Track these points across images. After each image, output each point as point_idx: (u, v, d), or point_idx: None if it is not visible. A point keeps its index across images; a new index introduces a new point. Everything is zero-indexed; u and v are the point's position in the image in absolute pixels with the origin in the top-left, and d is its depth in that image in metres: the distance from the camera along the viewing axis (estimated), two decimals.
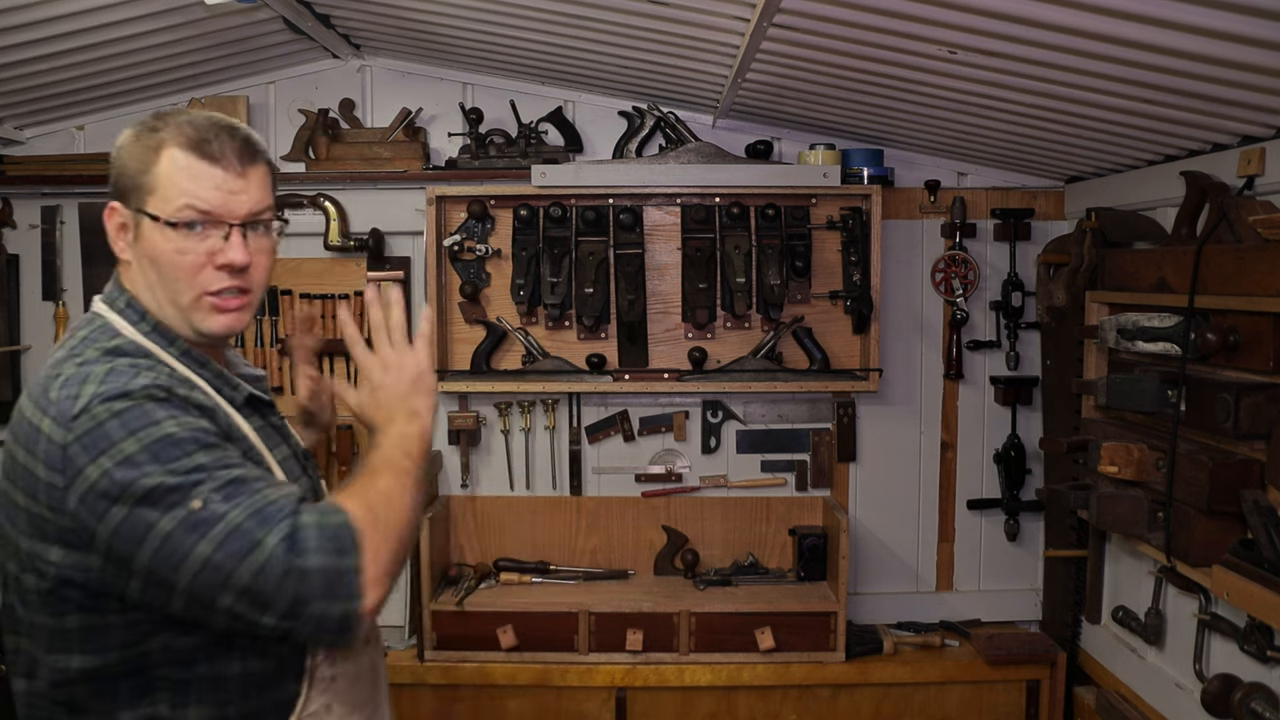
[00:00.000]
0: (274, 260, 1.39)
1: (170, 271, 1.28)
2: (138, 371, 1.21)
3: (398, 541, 1.21)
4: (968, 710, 2.89)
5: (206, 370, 1.33)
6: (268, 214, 1.34)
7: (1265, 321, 1.91)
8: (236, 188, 1.28)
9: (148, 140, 1.28)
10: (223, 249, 1.28)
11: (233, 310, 1.31)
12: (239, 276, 1.30)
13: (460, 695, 2.84)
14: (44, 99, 2.89)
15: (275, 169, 1.39)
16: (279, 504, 1.15)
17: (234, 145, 1.29)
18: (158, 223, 1.26)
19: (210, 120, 1.31)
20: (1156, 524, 2.18)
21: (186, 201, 1.26)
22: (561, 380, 3.01)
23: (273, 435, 1.40)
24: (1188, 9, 1.57)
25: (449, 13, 2.50)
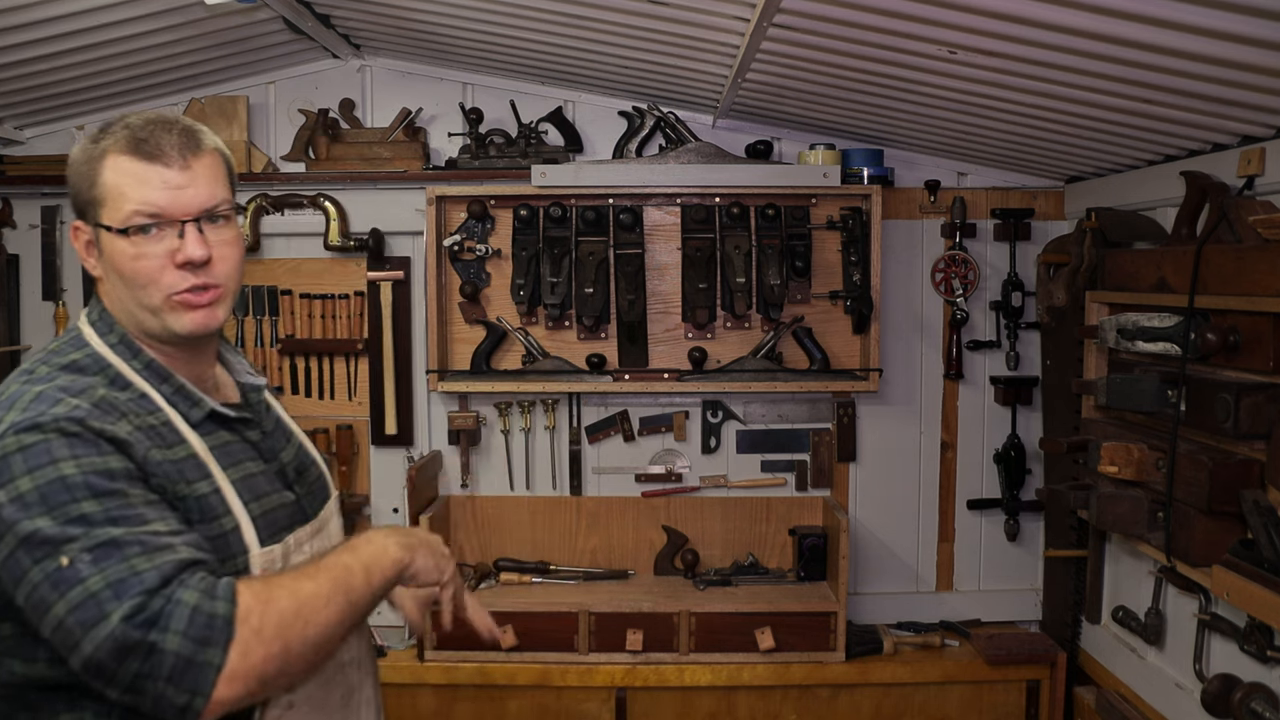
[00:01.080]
0: (243, 249, 1.35)
1: (134, 279, 1.25)
2: (61, 399, 1.18)
3: (283, 653, 1.12)
4: (968, 710, 2.89)
5: (167, 385, 1.29)
6: (224, 204, 1.29)
7: (1265, 321, 1.91)
8: (182, 182, 1.25)
9: (91, 152, 1.26)
10: (180, 247, 1.25)
11: (203, 306, 1.28)
12: (202, 272, 1.27)
13: (460, 695, 2.84)
14: (44, 99, 2.89)
15: (227, 156, 1.34)
16: (143, 576, 1.07)
17: (172, 140, 1.25)
18: (112, 233, 1.24)
19: (147, 119, 1.27)
20: (1156, 524, 2.18)
21: (134, 207, 1.23)
22: (561, 380, 3.01)
23: (241, 451, 1.34)
24: (1188, 9, 1.57)
25: (449, 13, 2.50)
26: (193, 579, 1.09)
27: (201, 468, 1.26)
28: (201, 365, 1.37)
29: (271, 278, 3.08)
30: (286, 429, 1.50)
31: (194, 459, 1.25)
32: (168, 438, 1.24)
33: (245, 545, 1.27)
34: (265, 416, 1.44)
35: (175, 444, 1.24)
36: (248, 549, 1.27)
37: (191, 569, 1.10)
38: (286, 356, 3.10)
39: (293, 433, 1.51)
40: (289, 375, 3.10)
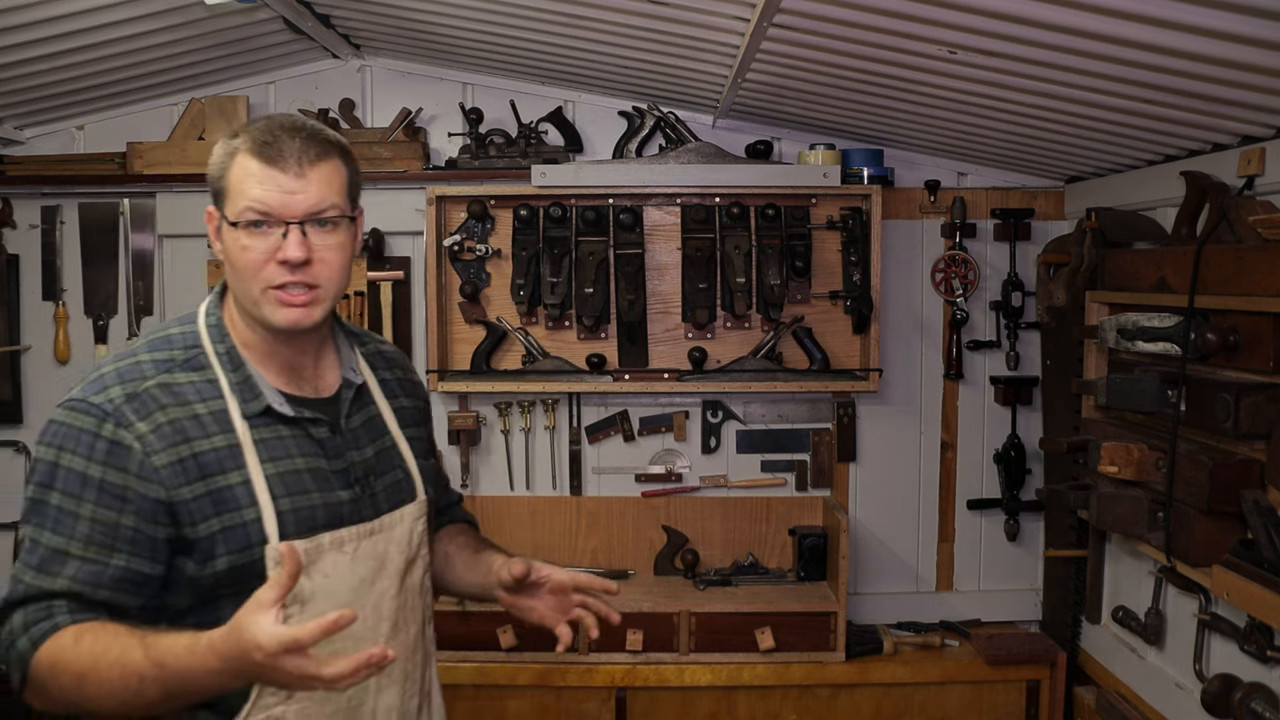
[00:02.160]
0: (349, 253, 1.43)
1: (239, 268, 1.36)
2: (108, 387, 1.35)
3: (64, 707, 1.28)
4: (968, 710, 2.89)
5: (235, 374, 1.40)
6: (332, 210, 1.38)
7: (1265, 321, 1.91)
8: (294, 187, 1.34)
9: (227, 148, 1.38)
10: (282, 246, 1.34)
11: (298, 305, 1.37)
12: (300, 272, 1.36)
13: (460, 695, 2.84)
14: (44, 99, 2.89)
15: (351, 162, 1.43)
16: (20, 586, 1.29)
17: (294, 146, 1.35)
18: (228, 224, 1.36)
19: (278, 123, 1.37)
20: (1156, 524, 2.18)
21: (247, 204, 1.34)
22: (561, 380, 3.01)
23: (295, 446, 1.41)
24: (1188, 9, 1.57)
25: (449, 13, 2.50)
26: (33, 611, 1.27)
27: (238, 458, 1.36)
28: (300, 355, 1.46)
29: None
30: (377, 429, 1.54)
31: (234, 449, 1.36)
32: (210, 427, 1.36)
33: (264, 536, 1.34)
34: (351, 414, 1.49)
35: (218, 433, 1.36)
36: (266, 539, 1.34)
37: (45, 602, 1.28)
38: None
39: (384, 433, 1.54)
40: None
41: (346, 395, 1.50)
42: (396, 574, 1.48)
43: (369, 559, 1.44)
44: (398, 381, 1.63)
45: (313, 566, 1.37)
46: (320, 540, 1.39)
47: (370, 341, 1.64)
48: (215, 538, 1.33)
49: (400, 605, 1.49)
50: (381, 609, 1.46)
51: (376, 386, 1.57)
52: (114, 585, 1.29)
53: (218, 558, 1.33)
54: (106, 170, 3.03)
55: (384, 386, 1.59)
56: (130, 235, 3.14)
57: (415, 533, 1.53)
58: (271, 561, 1.34)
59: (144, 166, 3.00)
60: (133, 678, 1.21)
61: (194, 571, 1.34)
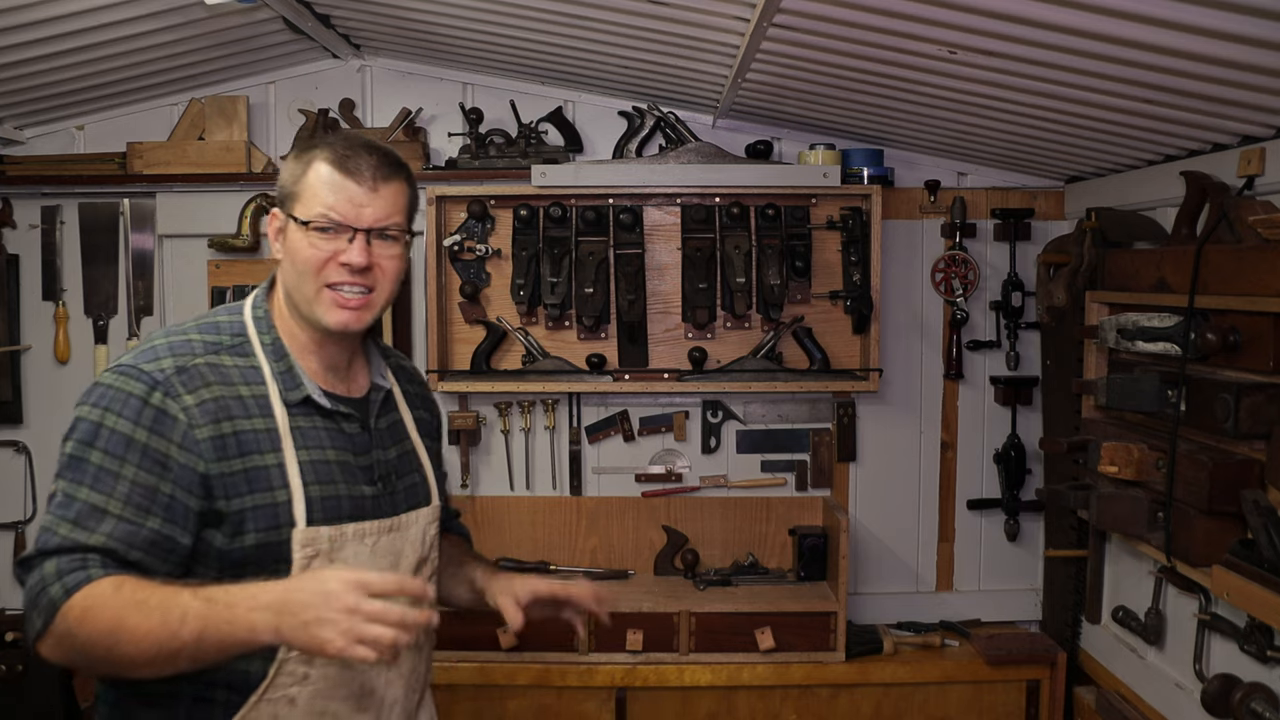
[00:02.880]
0: (403, 265, 1.52)
1: (302, 265, 1.45)
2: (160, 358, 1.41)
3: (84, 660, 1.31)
4: (968, 710, 2.89)
5: (279, 364, 1.48)
6: (395, 226, 1.48)
7: (1265, 321, 1.91)
8: (366, 200, 1.45)
9: (303, 155, 1.48)
10: (346, 250, 1.44)
11: (352, 308, 1.46)
12: (360, 276, 1.45)
13: (460, 695, 2.84)
14: (44, 99, 2.89)
15: (414, 187, 1.54)
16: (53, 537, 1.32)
17: (370, 162, 1.46)
18: (299, 224, 1.45)
19: (357, 140, 1.50)
20: (1156, 524, 2.18)
21: (322, 209, 1.44)
22: (561, 380, 3.01)
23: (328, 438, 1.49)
24: (1188, 9, 1.57)
25: (449, 13, 2.50)
26: (67, 561, 1.29)
27: (275, 441, 1.43)
28: (338, 355, 1.54)
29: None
30: (400, 433, 1.63)
31: (272, 432, 1.43)
32: (252, 410, 1.43)
33: (293, 518, 1.42)
34: (378, 417, 1.58)
35: (258, 416, 1.44)
36: (294, 522, 1.41)
37: (80, 554, 1.30)
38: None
39: (405, 438, 1.63)
40: None
41: (375, 398, 1.58)
42: (409, 571, 1.55)
43: (387, 554, 1.52)
44: (417, 395, 1.74)
45: (336, 555, 1.44)
46: (344, 530, 1.46)
47: (394, 356, 1.75)
48: (246, 514, 1.39)
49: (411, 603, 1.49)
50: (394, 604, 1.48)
51: (400, 396, 1.66)
52: (147, 547, 1.33)
53: (246, 533, 1.39)
54: (106, 170, 3.03)
55: (406, 397, 1.68)
56: (130, 235, 3.14)
57: (428, 535, 1.61)
58: (297, 545, 1.41)
59: (144, 166, 3.00)
60: (174, 613, 1.25)
61: (223, 544, 1.39)
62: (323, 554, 1.43)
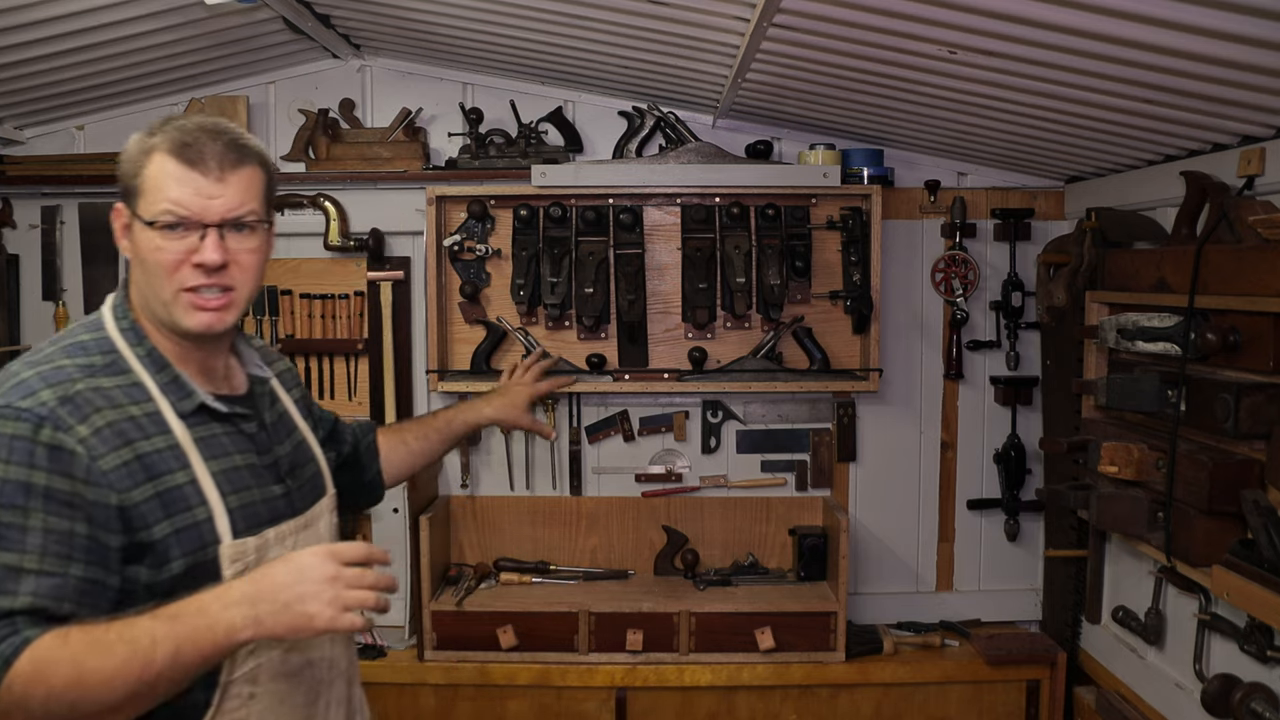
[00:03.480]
0: (264, 257, 1.42)
1: (153, 269, 1.34)
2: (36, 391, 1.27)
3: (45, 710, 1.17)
4: (968, 710, 2.89)
5: (162, 374, 1.37)
6: (251, 215, 1.38)
7: (1265, 321, 1.91)
8: (214, 192, 1.33)
9: (143, 144, 1.36)
10: (199, 248, 1.33)
11: (212, 309, 1.36)
12: (216, 275, 1.35)
13: (460, 695, 2.84)
14: (44, 99, 2.89)
15: (269, 170, 1.43)
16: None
17: (215, 149, 1.34)
18: (143, 223, 1.34)
19: (199, 125, 1.36)
20: (1156, 524, 2.18)
21: (165, 205, 1.32)
22: None
23: (231, 443, 1.41)
24: (1188, 9, 1.57)
25: (449, 13, 2.50)
26: None
27: (181, 458, 1.33)
28: (213, 357, 1.45)
29: (271, 278, 3.08)
30: (289, 424, 1.55)
31: (175, 449, 1.33)
32: (148, 429, 1.32)
33: (217, 535, 1.34)
34: (269, 409, 1.50)
35: (156, 434, 1.33)
36: (219, 539, 1.34)
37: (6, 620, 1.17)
38: (286, 356, 3.10)
39: (295, 428, 1.56)
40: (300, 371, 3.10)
41: (261, 391, 1.51)
42: None
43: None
44: (286, 374, 1.67)
45: (262, 562, 1.36)
46: (266, 536, 1.40)
47: (253, 339, 1.64)
48: (169, 541, 1.30)
49: None
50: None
51: (277, 382, 1.59)
52: (77, 597, 1.22)
53: (173, 560, 1.30)
54: (106, 170, 3.02)
55: (280, 379, 1.61)
56: None
57: (332, 525, 1.57)
58: (226, 560, 1.34)
59: None
60: (142, 641, 1.18)
61: (149, 578, 1.30)
62: (251, 565, 1.35)
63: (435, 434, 1.99)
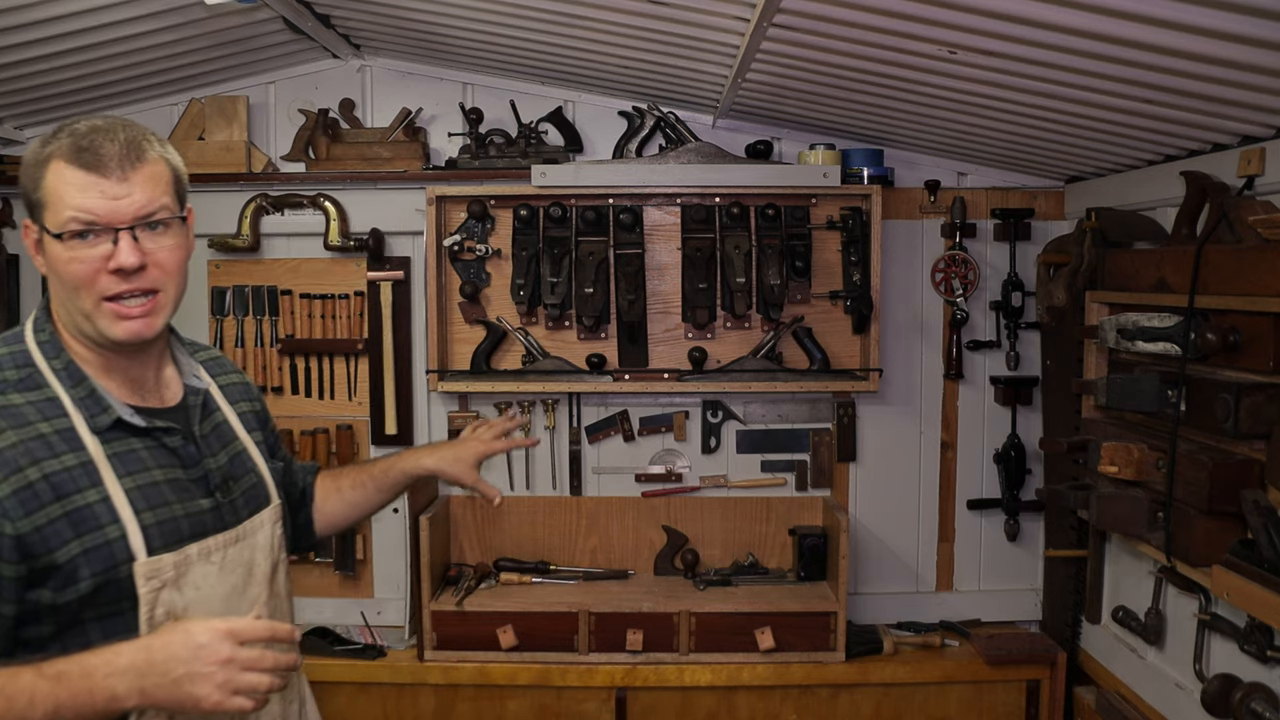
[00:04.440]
0: (185, 253, 1.37)
1: (69, 281, 1.29)
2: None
3: None
4: (968, 710, 2.89)
5: (79, 389, 1.33)
6: (164, 211, 1.32)
7: (1265, 321, 1.91)
8: (119, 193, 1.28)
9: (38, 155, 1.30)
10: (113, 254, 1.28)
11: (137, 316, 1.32)
12: (136, 279, 1.30)
13: (460, 695, 2.84)
14: (44, 99, 2.89)
15: (174, 164, 1.37)
16: None
17: (114, 149, 1.28)
18: (51, 236, 1.29)
19: (93, 126, 1.31)
20: (1156, 524, 2.18)
21: (70, 214, 1.27)
22: (561, 380, 3.01)
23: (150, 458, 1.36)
24: (1188, 9, 1.57)
25: (449, 13, 2.50)
26: None
27: (93, 475, 1.29)
28: (141, 368, 1.40)
29: (271, 278, 3.08)
30: (226, 435, 1.51)
31: (87, 466, 1.29)
32: (58, 447, 1.28)
33: (130, 553, 1.29)
34: (200, 422, 1.45)
35: (67, 452, 1.28)
36: (133, 556, 1.29)
37: None
38: (286, 356, 3.10)
39: (233, 439, 1.51)
40: (289, 375, 3.10)
41: (194, 402, 1.45)
42: (265, 579, 1.47)
43: (237, 567, 1.42)
44: (234, 387, 1.60)
45: (183, 579, 1.33)
46: (188, 552, 1.35)
47: (201, 349, 1.60)
48: (77, 561, 1.25)
49: (273, 611, 1.48)
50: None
51: (219, 393, 1.53)
52: None
53: (80, 581, 1.26)
54: None
55: (225, 392, 1.56)
56: None
57: (275, 537, 1.52)
58: (141, 578, 1.29)
59: None
60: (19, 700, 1.15)
61: (52, 599, 1.26)
62: (169, 583, 1.31)
63: (371, 482, 1.80)
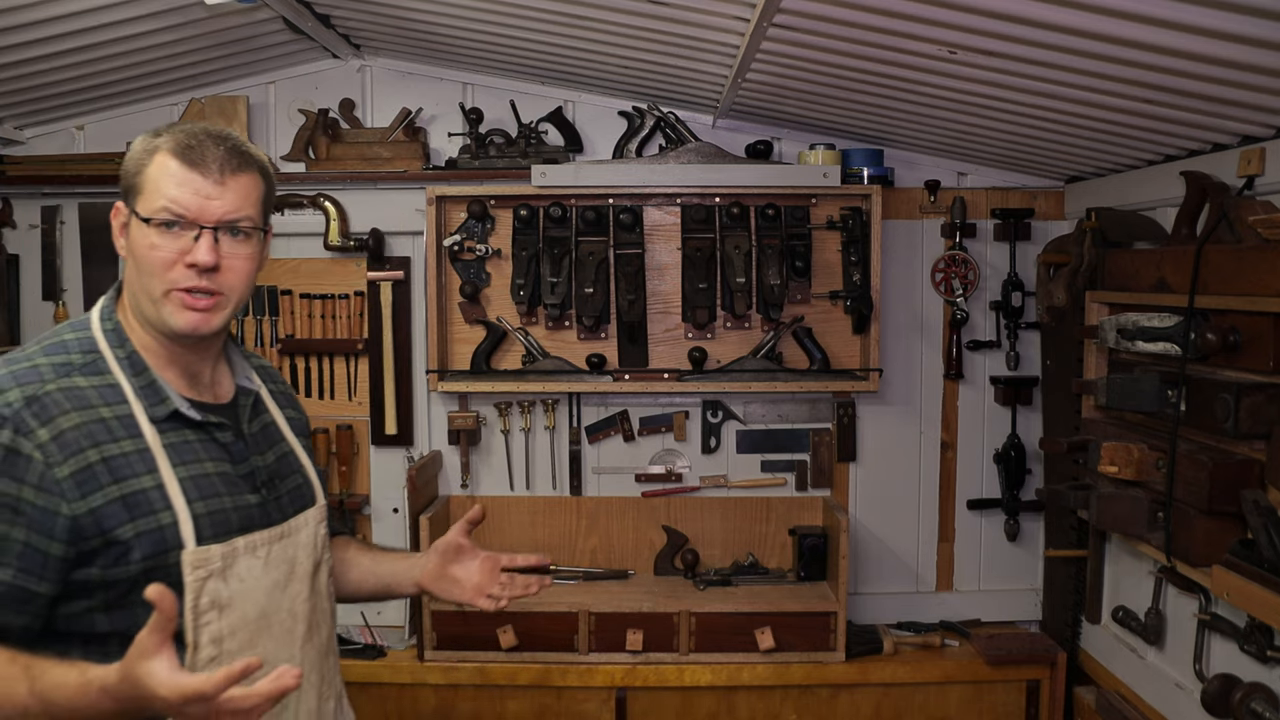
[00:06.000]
0: (257, 265, 1.43)
1: (146, 266, 1.36)
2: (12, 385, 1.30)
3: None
4: (968, 710, 2.89)
5: (139, 378, 1.38)
6: (247, 222, 1.39)
7: (1265, 321, 1.91)
8: (213, 194, 1.35)
9: (147, 145, 1.38)
10: (192, 249, 1.35)
11: (200, 310, 1.37)
12: (207, 277, 1.36)
13: (460, 695, 2.84)
14: (44, 99, 2.89)
15: (269, 179, 1.45)
16: None
17: (218, 154, 1.36)
18: (140, 220, 1.36)
19: (205, 129, 1.39)
20: (1156, 524, 2.18)
21: (164, 203, 1.34)
22: (561, 380, 3.01)
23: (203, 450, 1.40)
24: (1188, 9, 1.57)
25: (449, 13, 2.50)
26: None
27: (149, 462, 1.33)
28: (199, 363, 1.45)
29: (271, 278, 3.08)
30: (274, 435, 1.55)
31: (144, 453, 1.33)
32: (118, 432, 1.33)
33: (181, 540, 1.33)
34: (250, 421, 1.50)
35: (125, 438, 1.33)
36: (183, 544, 1.33)
37: None
38: (286, 356, 3.10)
39: (280, 440, 1.56)
40: (289, 375, 3.10)
41: (245, 402, 1.50)
42: (307, 577, 1.50)
43: (280, 563, 1.45)
44: (283, 394, 1.66)
45: (229, 571, 1.37)
46: (235, 544, 1.38)
47: (254, 357, 1.65)
48: (130, 542, 1.29)
49: (313, 608, 1.51)
50: (296, 612, 1.47)
51: (268, 396, 1.58)
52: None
53: (132, 562, 1.30)
54: (106, 170, 3.02)
55: (274, 397, 1.60)
56: None
57: (319, 536, 1.55)
58: (189, 566, 1.33)
59: None
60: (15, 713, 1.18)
61: (101, 576, 1.29)
62: (216, 573, 1.35)
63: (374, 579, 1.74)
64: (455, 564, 1.71)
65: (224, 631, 1.35)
